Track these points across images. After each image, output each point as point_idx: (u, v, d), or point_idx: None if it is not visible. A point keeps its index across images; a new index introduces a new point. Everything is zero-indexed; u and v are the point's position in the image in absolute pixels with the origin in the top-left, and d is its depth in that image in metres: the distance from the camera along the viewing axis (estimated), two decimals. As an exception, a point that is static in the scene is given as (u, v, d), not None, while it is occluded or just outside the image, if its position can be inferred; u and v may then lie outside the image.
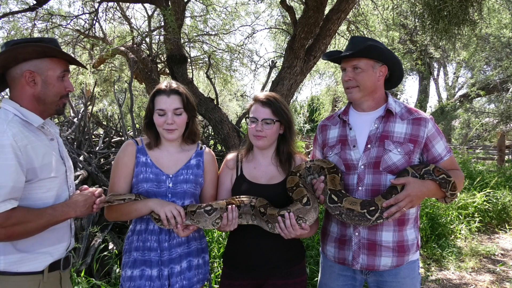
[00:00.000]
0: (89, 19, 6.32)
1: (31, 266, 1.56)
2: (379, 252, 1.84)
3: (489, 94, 10.65)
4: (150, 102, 1.93)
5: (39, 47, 1.57)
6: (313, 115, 17.76)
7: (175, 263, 1.87)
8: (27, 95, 1.61)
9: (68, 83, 1.69)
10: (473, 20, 4.82)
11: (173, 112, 1.87)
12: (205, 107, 4.83)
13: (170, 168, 1.93)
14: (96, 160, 5.05)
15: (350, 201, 1.73)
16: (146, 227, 1.90)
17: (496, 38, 8.88)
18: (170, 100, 1.87)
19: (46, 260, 1.60)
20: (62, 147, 1.77)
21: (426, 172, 1.77)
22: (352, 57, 1.86)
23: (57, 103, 1.67)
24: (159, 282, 1.84)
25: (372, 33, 6.59)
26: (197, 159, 2.00)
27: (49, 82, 1.62)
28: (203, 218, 1.77)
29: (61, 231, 1.69)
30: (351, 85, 1.89)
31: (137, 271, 1.85)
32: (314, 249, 4.04)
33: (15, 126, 1.51)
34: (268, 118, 1.91)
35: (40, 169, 1.55)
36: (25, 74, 1.58)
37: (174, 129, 1.89)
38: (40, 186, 1.57)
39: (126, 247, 1.94)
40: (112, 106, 13.51)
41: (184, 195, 1.91)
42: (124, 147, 1.96)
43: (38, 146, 1.56)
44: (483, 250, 4.95)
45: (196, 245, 1.98)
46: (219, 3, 7.16)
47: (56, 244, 1.66)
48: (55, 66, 1.63)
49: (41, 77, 1.61)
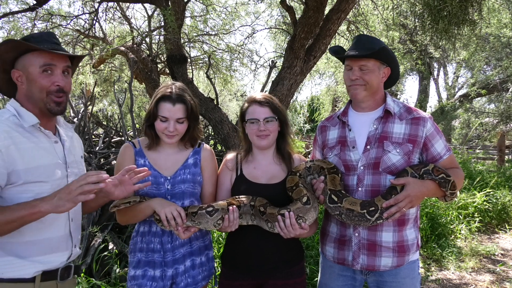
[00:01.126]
0: (89, 19, 6.32)
1: (17, 273, 1.47)
2: (379, 252, 1.84)
3: (489, 94, 10.65)
4: (154, 106, 1.88)
5: (15, 42, 1.50)
6: (313, 115, 17.75)
7: (179, 263, 1.89)
8: (21, 94, 1.58)
9: (57, 77, 1.56)
10: (473, 20, 4.82)
11: (176, 120, 1.86)
12: (205, 107, 4.83)
13: (168, 170, 1.93)
14: (96, 160, 5.05)
15: (350, 201, 1.73)
16: (149, 229, 1.91)
17: (496, 38, 8.88)
18: (174, 109, 1.85)
19: (35, 268, 1.50)
20: (68, 151, 1.67)
21: (426, 172, 1.77)
22: (365, 57, 1.86)
23: (45, 100, 1.55)
24: (162, 282, 1.85)
25: (372, 33, 6.59)
26: (194, 157, 2.01)
27: (31, 78, 1.54)
28: (205, 219, 1.76)
29: (54, 240, 1.57)
30: (357, 83, 1.88)
31: (139, 271, 1.87)
32: (314, 249, 4.04)
33: (2, 125, 1.46)
34: (269, 116, 1.93)
35: (25, 171, 1.46)
36: (13, 73, 1.55)
37: (174, 135, 1.89)
38: (26, 190, 1.46)
39: (131, 247, 1.96)
40: (112, 106, 13.50)
41: (183, 196, 1.92)
42: (122, 151, 1.96)
43: (28, 148, 1.48)
44: (483, 250, 4.95)
45: (198, 244, 1.98)
46: (219, 3, 7.16)
47: (49, 253, 1.55)
48: (35, 60, 1.53)
49: (25, 74, 1.54)
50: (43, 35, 1.59)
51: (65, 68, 1.61)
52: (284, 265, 1.91)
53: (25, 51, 1.53)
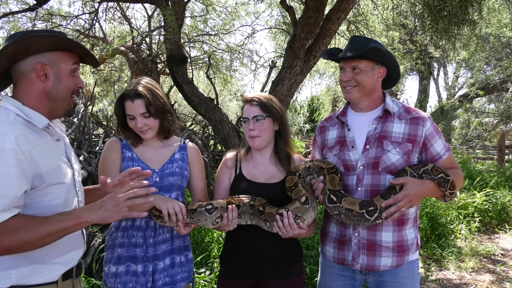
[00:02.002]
0: (89, 19, 6.32)
1: (43, 278, 1.44)
2: (379, 252, 1.84)
3: (489, 94, 10.65)
4: (120, 106, 1.92)
5: (55, 38, 1.43)
6: (313, 115, 17.74)
7: (159, 259, 1.89)
8: (36, 91, 1.45)
9: (79, 79, 1.55)
10: (473, 20, 4.82)
11: (141, 116, 1.88)
12: (205, 107, 4.83)
13: (155, 163, 1.95)
14: (96, 160, 5.05)
15: (349, 201, 1.73)
16: (132, 223, 1.90)
17: (496, 38, 8.88)
18: (135, 106, 1.87)
19: (59, 270, 1.48)
20: (68, 148, 1.63)
21: (425, 171, 1.77)
22: (354, 59, 1.86)
23: (69, 101, 1.53)
24: (144, 278, 1.84)
25: (372, 33, 6.60)
26: (181, 153, 2.03)
27: (61, 75, 1.48)
28: (204, 217, 1.77)
29: (74, 238, 1.54)
30: (350, 84, 1.89)
31: (122, 267, 1.85)
32: (314, 249, 4.04)
33: (18, 128, 1.35)
34: (257, 114, 1.92)
35: (47, 174, 1.41)
36: (36, 67, 1.42)
37: (146, 130, 1.91)
38: (47, 193, 1.42)
39: (109, 243, 1.93)
40: (112, 106, 13.50)
41: (171, 188, 1.93)
42: (108, 144, 1.95)
43: (44, 150, 1.42)
44: (483, 250, 4.95)
45: (179, 243, 1.98)
46: (219, 3, 7.17)
47: (68, 252, 1.53)
48: (67, 58, 1.50)
49: (54, 70, 1.46)
50: (63, 34, 1.52)
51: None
52: (283, 265, 1.91)
53: (56, 47, 1.47)
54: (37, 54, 1.43)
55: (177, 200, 1.91)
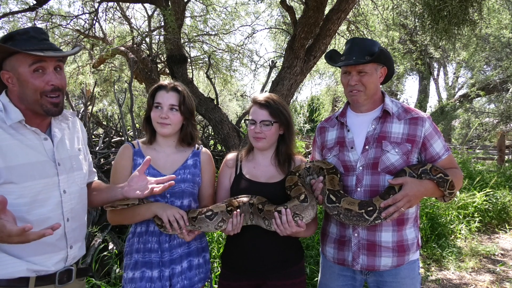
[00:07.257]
0: (89, 19, 6.33)
1: (10, 270, 1.41)
2: (379, 252, 1.84)
3: (489, 94, 10.66)
4: (151, 97, 1.95)
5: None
6: (313, 115, 17.75)
7: (176, 263, 1.88)
8: (14, 94, 1.49)
9: (50, 76, 1.47)
10: (473, 20, 4.82)
11: (168, 107, 1.89)
12: (205, 107, 4.83)
13: (167, 169, 1.94)
14: (96, 160, 5.05)
15: (348, 201, 1.73)
16: (146, 229, 1.91)
17: (496, 38, 8.88)
18: (167, 96, 1.90)
19: (27, 265, 1.43)
20: (59, 147, 1.58)
21: (424, 171, 1.77)
22: (365, 63, 1.83)
23: (40, 102, 1.47)
24: (160, 283, 1.84)
25: (372, 33, 6.60)
26: (194, 159, 2.01)
27: (23, 79, 1.44)
28: (205, 224, 1.77)
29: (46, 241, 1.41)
30: (357, 88, 1.88)
31: (138, 273, 1.85)
32: (314, 249, 4.04)
33: None
34: (266, 119, 1.91)
35: (7, 170, 1.38)
36: (3, 77, 1.46)
37: (167, 124, 1.90)
38: (8, 191, 1.37)
39: (127, 249, 1.94)
40: (112, 106, 13.52)
41: (182, 194, 1.92)
42: (121, 151, 1.97)
43: (10, 145, 1.41)
44: (483, 250, 4.95)
45: (196, 245, 1.98)
46: (219, 3, 7.17)
47: (39, 254, 1.47)
48: (24, 60, 1.43)
49: (15, 76, 1.45)
50: (30, 31, 1.48)
51: (56, 64, 1.51)
52: (282, 265, 1.90)
53: (9, 53, 1.43)
54: (4, 60, 1.46)
55: (190, 206, 1.92)
